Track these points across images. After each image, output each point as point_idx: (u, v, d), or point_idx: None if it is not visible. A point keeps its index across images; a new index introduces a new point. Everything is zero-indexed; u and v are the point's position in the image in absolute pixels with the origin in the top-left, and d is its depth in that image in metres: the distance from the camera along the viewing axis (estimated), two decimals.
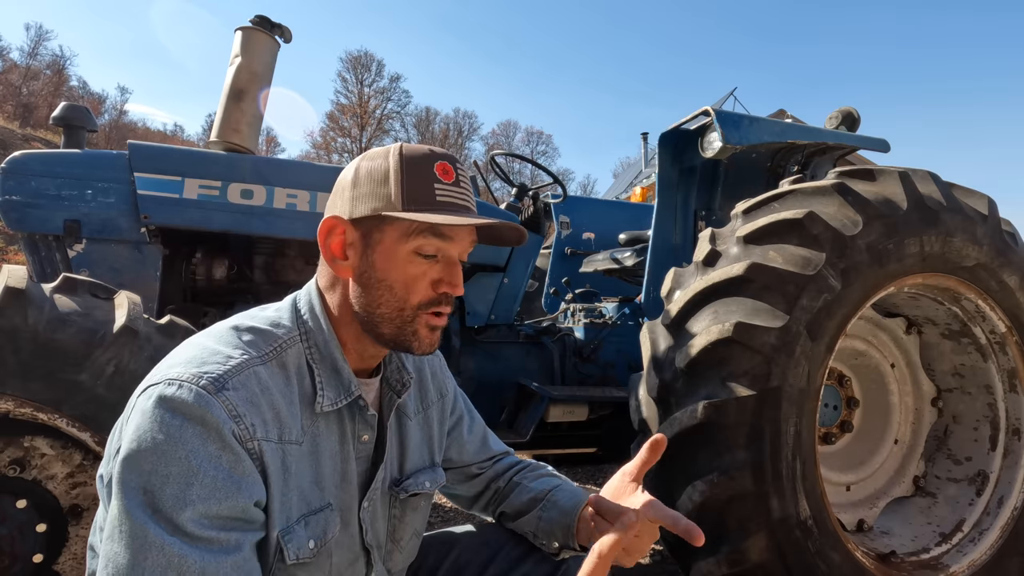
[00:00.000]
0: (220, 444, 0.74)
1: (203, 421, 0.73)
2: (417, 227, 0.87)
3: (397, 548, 1.04)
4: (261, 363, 0.83)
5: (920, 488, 2.19)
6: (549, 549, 1.10)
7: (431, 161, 0.89)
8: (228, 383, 0.77)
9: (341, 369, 0.91)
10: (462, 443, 1.20)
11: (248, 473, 0.76)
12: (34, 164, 1.93)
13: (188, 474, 0.70)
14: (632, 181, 17.06)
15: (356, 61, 38.44)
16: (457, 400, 1.21)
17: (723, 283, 1.70)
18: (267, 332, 0.87)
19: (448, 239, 0.89)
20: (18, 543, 1.37)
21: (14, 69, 33.45)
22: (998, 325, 1.98)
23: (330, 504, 0.89)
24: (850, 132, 2.59)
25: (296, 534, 0.82)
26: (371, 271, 0.90)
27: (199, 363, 0.78)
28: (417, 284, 0.89)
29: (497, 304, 2.65)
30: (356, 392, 0.91)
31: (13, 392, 1.30)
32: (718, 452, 1.59)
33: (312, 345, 0.90)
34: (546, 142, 45.96)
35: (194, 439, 0.72)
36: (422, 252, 0.88)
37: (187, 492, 0.70)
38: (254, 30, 2.26)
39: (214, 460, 0.72)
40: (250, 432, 0.77)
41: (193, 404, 0.73)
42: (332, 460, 0.91)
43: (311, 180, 2.19)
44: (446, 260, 0.91)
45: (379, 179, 0.88)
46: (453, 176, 0.90)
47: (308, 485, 0.86)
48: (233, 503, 0.73)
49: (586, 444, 2.77)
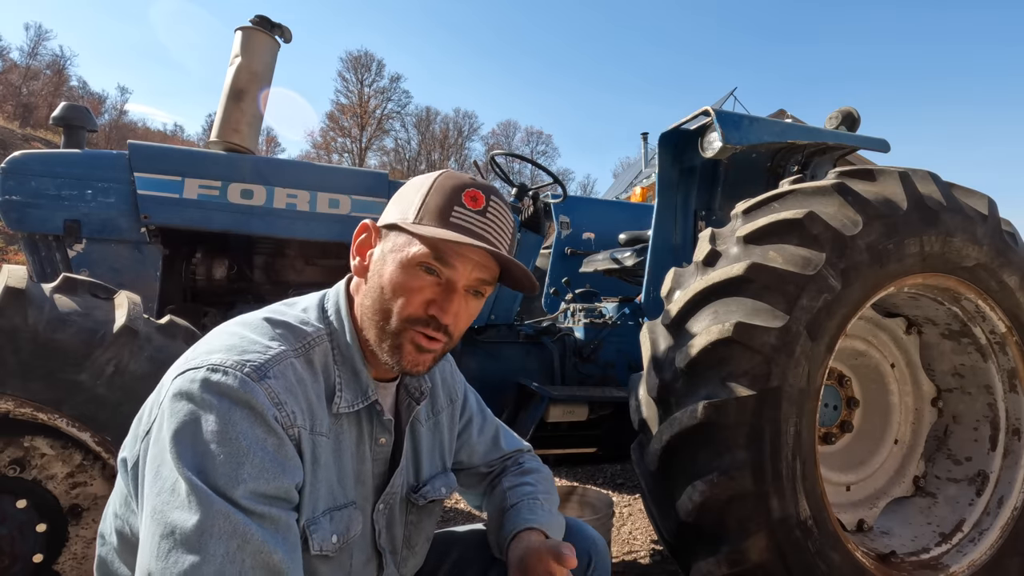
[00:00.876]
0: (266, 428, 0.76)
1: (249, 405, 0.75)
2: (419, 241, 0.88)
3: (412, 553, 1.05)
4: (295, 356, 0.85)
5: (920, 488, 2.19)
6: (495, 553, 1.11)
7: (464, 186, 0.90)
8: (269, 371, 0.79)
9: (360, 372, 0.92)
10: (471, 445, 1.20)
11: (291, 457, 0.79)
12: (34, 164, 1.93)
13: (239, 454, 0.73)
14: (632, 181, 17.06)
15: (356, 61, 38.48)
16: (468, 402, 1.22)
17: (723, 283, 1.70)
18: (297, 328, 0.89)
19: (448, 264, 0.88)
20: (18, 543, 1.37)
21: (14, 69, 33.43)
22: (998, 325, 1.98)
23: (354, 502, 0.91)
24: (850, 132, 2.59)
25: (321, 526, 0.84)
26: (376, 276, 0.91)
27: (240, 351, 0.80)
28: (409, 296, 0.88)
29: (497, 304, 2.65)
30: (373, 397, 0.93)
31: (13, 392, 1.30)
32: (718, 452, 1.59)
33: (336, 346, 0.92)
34: (546, 142, 46.03)
35: (242, 422, 0.74)
36: (423, 266, 0.88)
37: (239, 471, 0.72)
38: (254, 30, 2.27)
39: (261, 442, 0.75)
40: (291, 419, 0.79)
41: (239, 389, 0.75)
42: (351, 460, 0.92)
43: (311, 180, 2.19)
44: (447, 285, 0.89)
45: (411, 194, 0.91)
46: (482, 204, 0.89)
47: (335, 480, 0.88)
48: (280, 483, 0.76)
49: (586, 444, 2.77)
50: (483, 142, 43.18)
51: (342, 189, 2.22)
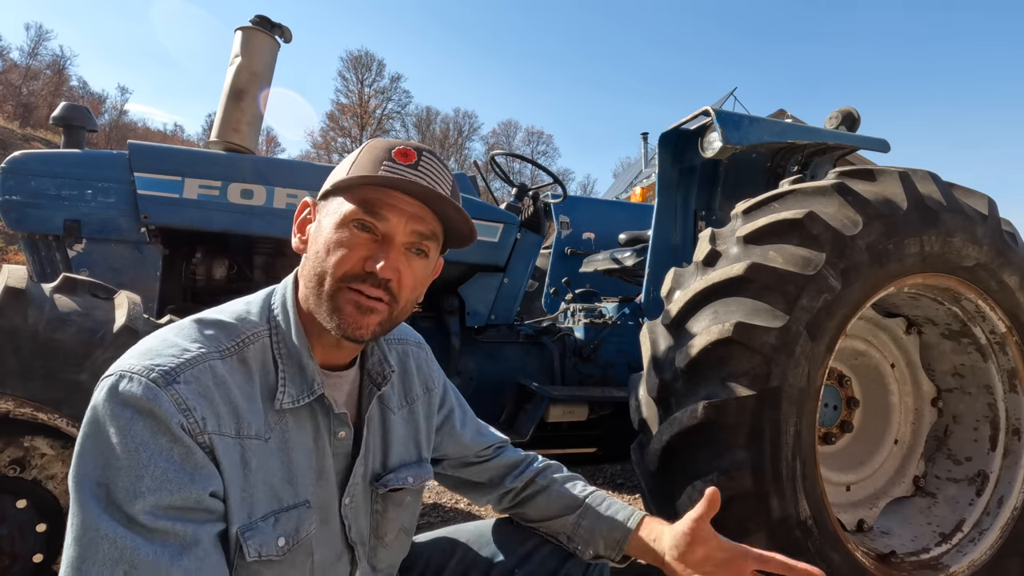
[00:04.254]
0: (170, 437, 0.73)
1: (152, 414, 0.73)
2: (350, 198, 0.87)
3: (382, 544, 1.02)
4: (219, 357, 0.82)
5: (920, 488, 2.19)
6: (583, 556, 1.11)
7: (393, 145, 0.89)
8: (180, 376, 0.76)
9: (306, 366, 0.89)
10: (456, 436, 1.19)
11: (201, 465, 0.75)
12: (34, 164, 1.93)
13: (139, 466, 0.71)
14: (632, 181, 17.07)
15: (356, 61, 38.52)
16: (447, 393, 1.20)
17: (723, 283, 1.70)
18: (230, 326, 0.87)
19: (379, 216, 0.85)
20: (18, 543, 1.36)
21: (14, 69, 33.44)
22: (998, 325, 1.98)
23: (306, 501, 0.88)
24: (850, 132, 2.59)
25: (260, 531, 0.81)
26: (312, 241, 0.90)
27: (153, 355, 0.78)
28: (345, 254, 0.85)
29: (497, 304, 2.65)
30: (319, 391, 0.89)
31: (13, 392, 1.29)
32: (718, 452, 1.59)
33: (280, 341, 0.89)
34: (546, 142, 46.09)
35: (144, 432, 0.72)
36: (356, 223, 0.86)
37: (138, 484, 0.70)
38: (254, 30, 2.26)
39: (165, 452, 0.72)
40: (200, 426, 0.76)
41: (142, 397, 0.73)
42: (307, 457, 0.89)
43: (311, 180, 2.19)
44: (383, 239, 0.86)
45: (343, 163, 0.92)
46: (413, 159, 0.86)
47: (279, 482, 0.85)
48: (186, 494, 0.73)
49: (586, 444, 2.77)
50: (483, 142, 43.26)
51: None
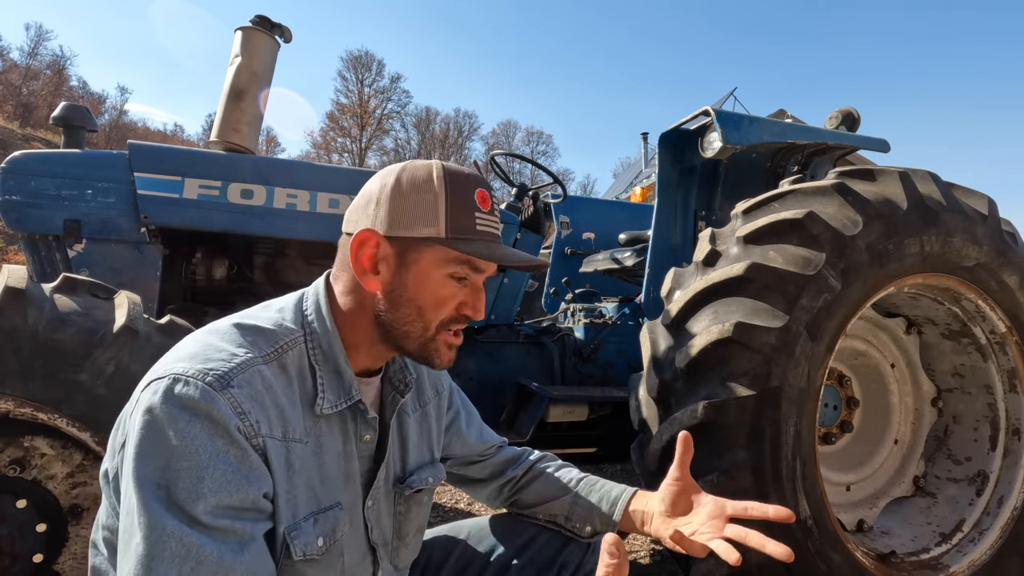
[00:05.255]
0: (227, 439, 0.75)
1: (210, 417, 0.75)
2: (456, 256, 0.90)
3: (403, 544, 1.05)
4: (263, 363, 0.84)
5: (920, 488, 2.19)
6: (581, 533, 1.16)
7: (473, 188, 0.92)
8: (233, 380, 0.78)
9: (343, 372, 0.92)
10: (463, 436, 1.22)
11: (256, 467, 0.78)
12: (34, 164, 1.93)
13: (199, 468, 0.73)
14: (632, 181, 17.07)
15: (356, 61, 38.49)
16: (454, 395, 1.24)
17: (723, 283, 1.70)
18: (269, 332, 0.88)
19: (480, 271, 0.94)
20: (18, 543, 1.37)
21: (14, 69, 33.43)
22: (998, 325, 1.98)
23: (339, 503, 0.91)
24: (850, 132, 2.59)
25: (304, 531, 0.84)
26: (402, 289, 0.91)
27: (204, 360, 0.79)
28: (445, 305, 0.92)
29: (497, 304, 2.65)
30: (356, 396, 0.92)
31: (13, 392, 1.30)
32: (718, 452, 1.59)
33: (316, 347, 0.91)
34: (546, 142, 46.03)
35: (202, 434, 0.74)
36: (455, 276, 0.92)
37: (199, 485, 0.72)
38: (254, 30, 2.26)
39: (222, 454, 0.75)
40: (255, 428, 0.78)
41: (200, 400, 0.75)
42: (337, 460, 0.92)
43: (311, 180, 2.19)
44: (473, 285, 0.94)
45: (424, 203, 0.88)
46: (489, 205, 0.94)
47: (317, 484, 0.88)
48: (244, 495, 0.75)
49: (586, 444, 2.77)
50: (483, 142, 43.25)
51: (342, 189, 2.22)
